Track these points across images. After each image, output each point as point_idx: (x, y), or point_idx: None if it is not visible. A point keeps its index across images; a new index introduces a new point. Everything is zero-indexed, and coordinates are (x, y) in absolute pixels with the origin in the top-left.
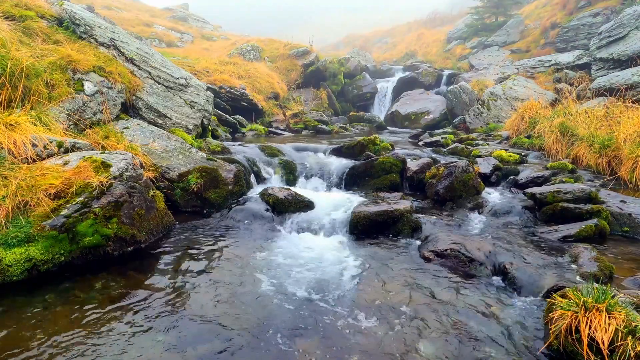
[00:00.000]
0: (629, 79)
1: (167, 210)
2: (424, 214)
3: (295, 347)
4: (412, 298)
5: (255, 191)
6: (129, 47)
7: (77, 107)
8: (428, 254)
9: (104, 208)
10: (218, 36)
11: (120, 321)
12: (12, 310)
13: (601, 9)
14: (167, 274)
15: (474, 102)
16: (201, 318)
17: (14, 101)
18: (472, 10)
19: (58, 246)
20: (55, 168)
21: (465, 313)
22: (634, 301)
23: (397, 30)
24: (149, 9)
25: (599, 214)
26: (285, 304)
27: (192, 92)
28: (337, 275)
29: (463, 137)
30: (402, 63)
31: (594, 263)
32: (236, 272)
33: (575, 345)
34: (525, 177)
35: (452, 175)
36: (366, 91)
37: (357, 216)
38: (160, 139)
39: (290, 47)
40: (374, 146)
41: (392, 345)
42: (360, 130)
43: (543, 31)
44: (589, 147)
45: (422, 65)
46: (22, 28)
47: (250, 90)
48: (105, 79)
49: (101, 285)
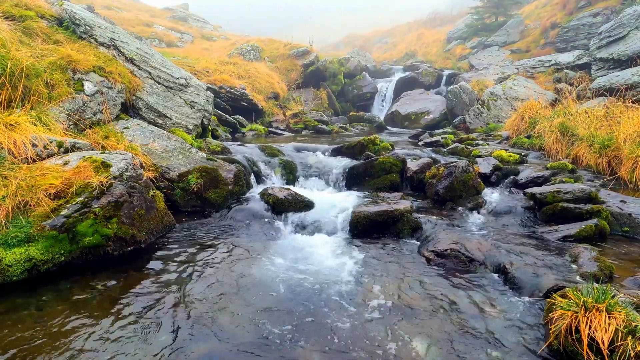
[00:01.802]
0: (629, 79)
1: (167, 210)
2: (424, 214)
3: (294, 347)
4: (412, 298)
5: (255, 191)
6: (129, 47)
7: (77, 107)
8: (428, 254)
9: (104, 208)
10: (218, 36)
11: (121, 321)
12: (12, 310)
13: (601, 9)
14: (167, 274)
15: (474, 102)
16: (202, 318)
17: (14, 101)
18: (472, 10)
19: (58, 246)
20: (55, 168)
21: (465, 313)
22: (634, 301)
23: (397, 30)
24: (149, 9)
25: (599, 214)
26: (286, 303)
27: (192, 92)
28: (337, 275)
29: (463, 137)
30: (402, 63)
31: (594, 263)
32: (236, 272)
33: (575, 345)
34: (525, 177)
35: (452, 175)
36: (366, 91)
37: (357, 216)
38: (160, 139)
39: (290, 47)
40: (374, 146)
41: (392, 344)
42: (360, 130)
43: (543, 31)
44: (589, 147)
45: (422, 65)
46: (22, 28)
47: (250, 90)
48: (105, 79)
49: (101, 285)
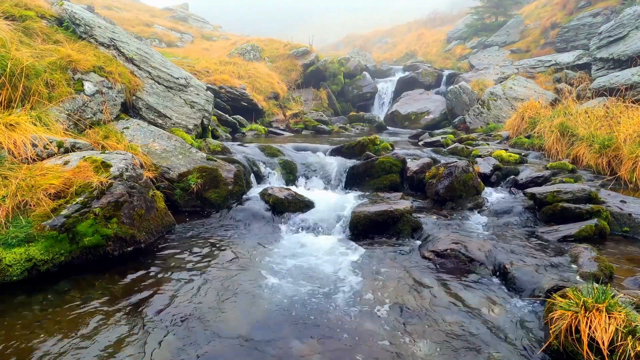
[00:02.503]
0: (629, 79)
1: (167, 210)
2: (424, 214)
3: (294, 347)
4: (412, 298)
5: (256, 191)
6: (129, 47)
7: (77, 107)
8: (428, 254)
9: (104, 208)
10: (218, 36)
11: (121, 321)
12: (12, 310)
13: (601, 9)
14: (167, 274)
15: (474, 102)
16: (202, 318)
17: (14, 101)
18: (472, 10)
19: (58, 246)
20: (55, 168)
21: (465, 313)
22: (634, 301)
23: (397, 30)
24: (149, 9)
25: (599, 214)
26: (285, 303)
27: (192, 92)
28: (337, 275)
29: (463, 137)
30: (402, 63)
31: (594, 263)
32: (236, 272)
33: (575, 345)
34: (525, 177)
35: (452, 175)
36: (366, 91)
37: (357, 216)
38: (160, 139)
39: (290, 47)
40: (374, 146)
41: (392, 344)
42: (360, 130)
43: (543, 31)
44: (589, 147)
45: (422, 65)
46: (22, 28)
47: (250, 90)
48: (105, 79)
49: (101, 286)
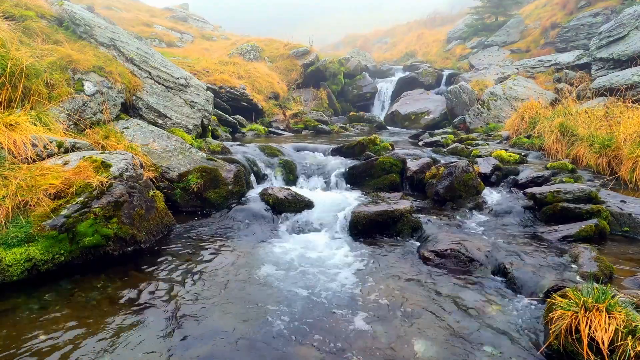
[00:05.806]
0: (629, 79)
1: (167, 210)
2: (424, 214)
3: (294, 347)
4: (412, 298)
5: (255, 191)
6: (129, 47)
7: (77, 107)
8: (428, 254)
9: (104, 208)
10: (218, 36)
11: (121, 321)
12: (12, 310)
13: (601, 9)
14: (167, 274)
15: (474, 102)
16: (202, 318)
17: (14, 101)
18: (472, 10)
19: (58, 246)
20: (55, 168)
21: (465, 313)
22: (634, 301)
23: (397, 30)
24: (149, 9)
25: (599, 214)
26: (285, 303)
27: (192, 92)
28: (337, 275)
29: (463, 137)
30: (402, 63)
31: (594, 263)
32: (236, 273)
33: (575, 345)
34: (525, 177)
35: (452, 175)
36: (366, 91)
37: (357, 216)
38: (160, 139)
39: (290, 47)
40: (374, 146)
41: (391, 345)
42: (360, 130)
43: (543, 31)
44: (589, 147)
45: (422, 65)
46: (22, 28)
47: (250, 90)
48: (105, 79)
49: (101, 285)
